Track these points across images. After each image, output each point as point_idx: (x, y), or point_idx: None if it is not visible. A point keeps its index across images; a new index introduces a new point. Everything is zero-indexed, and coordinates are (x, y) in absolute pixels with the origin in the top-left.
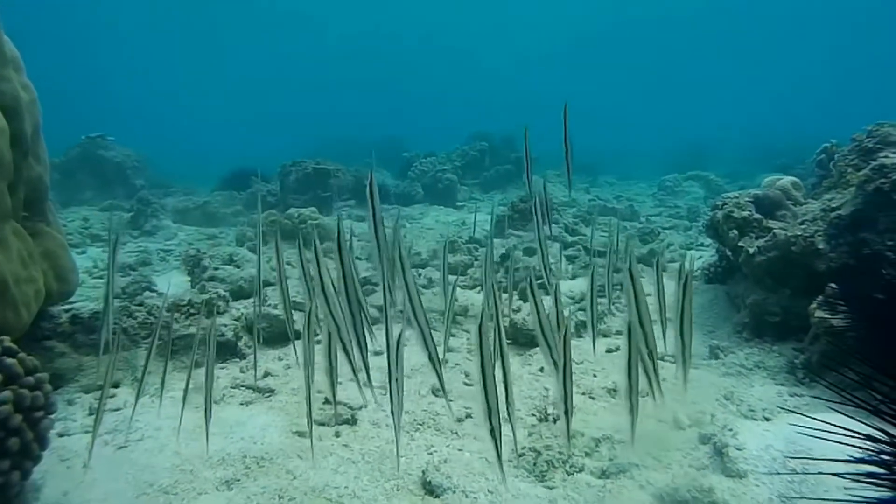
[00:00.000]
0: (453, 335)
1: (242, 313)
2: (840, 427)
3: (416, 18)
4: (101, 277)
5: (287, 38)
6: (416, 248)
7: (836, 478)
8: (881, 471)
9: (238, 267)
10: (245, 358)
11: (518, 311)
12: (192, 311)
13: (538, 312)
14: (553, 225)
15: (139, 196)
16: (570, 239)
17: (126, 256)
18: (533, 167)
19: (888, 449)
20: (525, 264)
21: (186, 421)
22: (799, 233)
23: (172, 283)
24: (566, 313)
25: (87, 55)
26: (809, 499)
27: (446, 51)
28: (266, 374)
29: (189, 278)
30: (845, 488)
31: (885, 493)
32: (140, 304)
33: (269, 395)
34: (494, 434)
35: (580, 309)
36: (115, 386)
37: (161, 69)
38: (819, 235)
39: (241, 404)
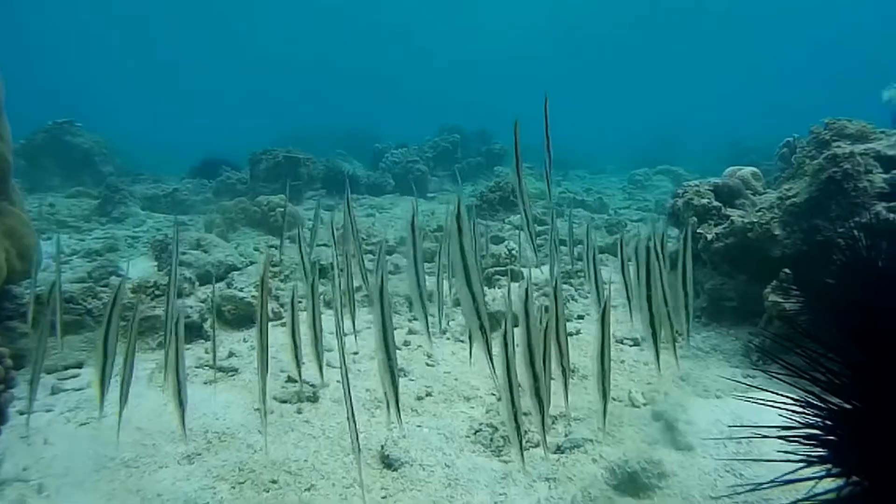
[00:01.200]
0: (415, 319)
1: (208, 296)
2: (781, 397)
3: (391, 9)
4: (66, 263)
5: (260, 25)
6: (384, 236)
7: (776, 443)
8: (815, 432)
9: (206, 252)
10: (210, 339)
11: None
12: (157, 292)
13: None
14: (520, 215)
15: (107, 183)
16: (537, 229)
17: (93, 243)
18: (504, 160)
19: (818, 413)
20: (491, 252)
21: (150, 399)
22: (755, 220)
23: (140, 269)
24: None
25: (55, 41)
26: (750, 460)
27: (420, 43)
28: (230, 355)
29: (156, 263)
30: (785, 452)
31: (820, 451)
32: (106, 286)
33: (233, 375)
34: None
35: (544, 294)
36: (79, 366)
37: (131, 57)
38: (775, 222)
39: (205, 383)
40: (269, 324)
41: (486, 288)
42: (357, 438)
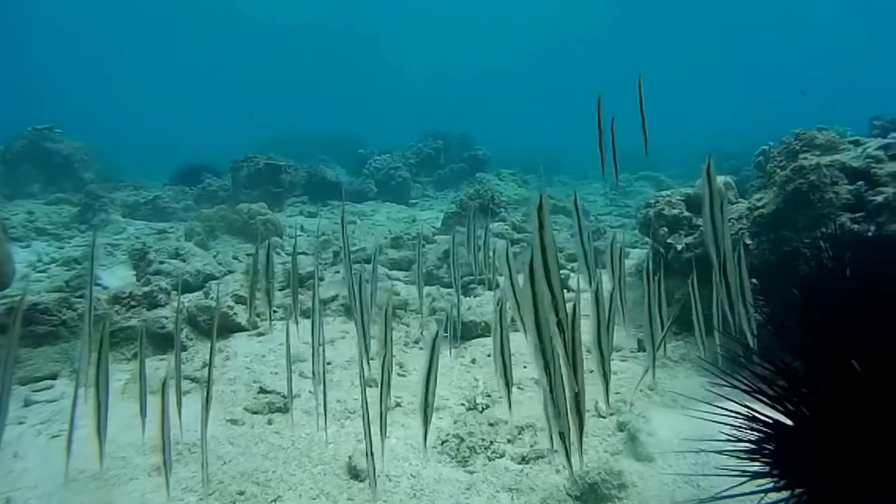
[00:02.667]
0: (392, 328)
1: (185, 306)
2: (734, 413)
3: (377, 15)
4: (44, 272)
5: (245, 31)
6: (364, 243)
7: (731, 457)
8: (756, 446)
9: (184, 261)
10: (185, 350)
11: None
12: (132, 303)
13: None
14: (500, 223)
15: (87, 190)
16: (516, 236)
17: (72, 250)
18: (487, 166)
19: (762, 429)
20: (467, 261)
21: (122, 411)
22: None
23: (118, 277)
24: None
25: (35, 47)
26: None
27: (406, 48)
28: (205, 365)
29: (135, 272)
30: (740, 464)
31: (761, 467)
32: (82, 297)
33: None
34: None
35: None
36: (53, 377)
37: (113, 63)
38: (744, 232)
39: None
40: (244, 333)
41: (462, 296)
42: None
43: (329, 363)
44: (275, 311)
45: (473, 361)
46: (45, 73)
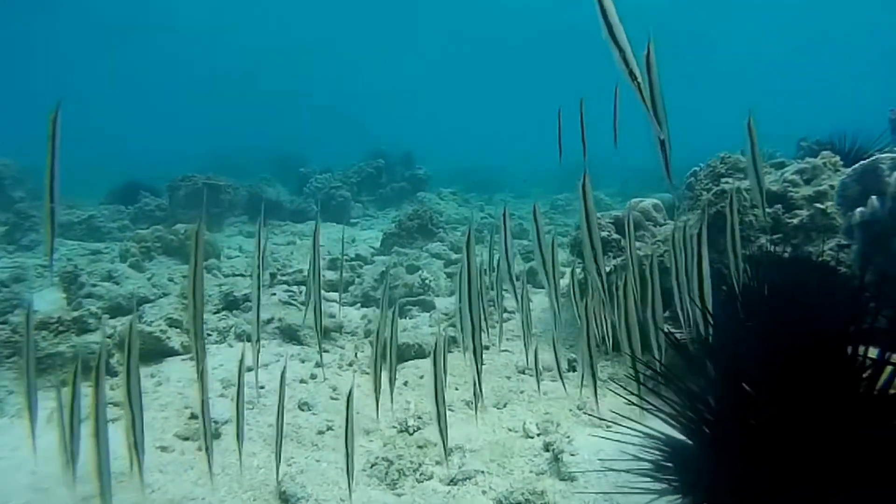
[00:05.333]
0: (326, 351)
1: (116, 330)
2: (650, 433)
3: (321, 33)
4: None
5: (184, 47)
6: (302, 265)
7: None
8: (662, 464)
9: (117, 283)
10: (116, 375)
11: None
12: (61, 328)
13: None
14: (438, 243)
15: (16, 209)
16: (454, 256)
17: None
18: (427, 185)
19: (663, 448)
20: (404, 282)
21: (47, 441)
22: (650, 252)
23: (48, 300)
24: (439, 329)
25: None
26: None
27: (350, 66)
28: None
29: (65, 295)
30: (655, 482)
31: (666, 485)
32: (5, 322)
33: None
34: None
35: (451, 325)
36: None
37: (44, 76)
38: (668, 255)
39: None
40: (178, 358)
41: (398, 318)
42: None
43: (262, 387)
44: (209, 335)
45: (406, 384)
46: None
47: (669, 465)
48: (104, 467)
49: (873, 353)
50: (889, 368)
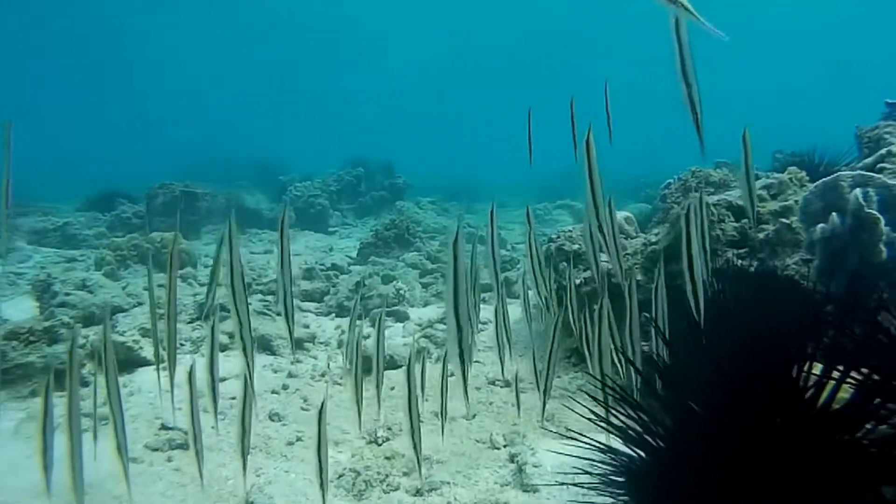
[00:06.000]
0: (299, 361)
1: (88, 340)
2: (603, 447)
3: (304, 39)
4: None
5: (167, 52)
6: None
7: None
8: (611, 479)
9: (91, 293)
10: (87, 385)
11: (368, 337)
12: (31, 339)
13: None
14: (415, 253)
15: None
16: (430, 266)
17: None
18: (406, 194)
19: (615, 464)
20: (379, 292)
21: (14, 453)
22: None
23: (21, 309)
24: (411, 340)
25: None
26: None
27: (330, 75)
28: (105, 403)
29: (38, 304)
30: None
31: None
32: None
33: (107, 423)
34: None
35: (424, 336)
36: None
37: (23, 77)
38: (637, 268)
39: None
40: (151, 367)
41: (370, 328)
42: None
43: (232, 398)
44: (182, 345)
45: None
46: None
47: (620, 479)
48: (78, 479)
49: (818, 369)
50: (831, 384)
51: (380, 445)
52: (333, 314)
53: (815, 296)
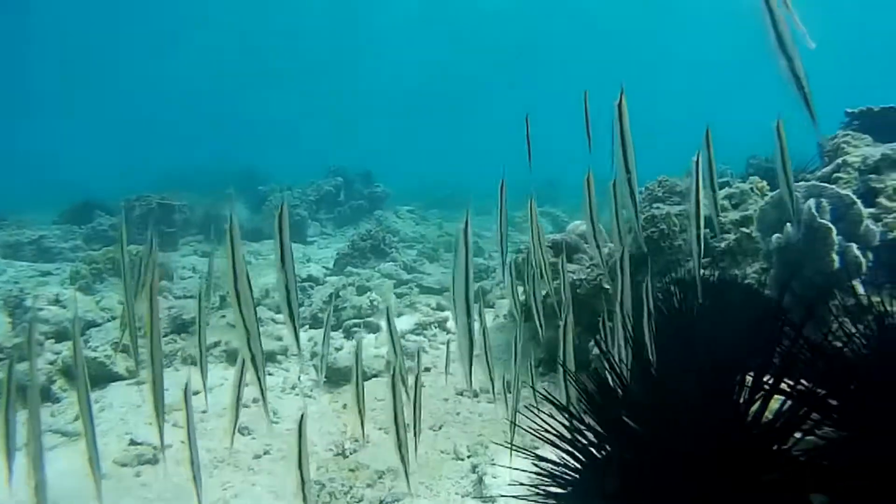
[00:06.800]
0: (270, 374)
1: (59, 355)
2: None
3: (283, 48)
4: None
5: (149, 61)
6: (254, 286)
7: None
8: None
9: (64, 308)
10: (59, 402)
11: (340, 349)
12: (0, 356)
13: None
14: (391, 263)
15: None
16: (405, 276)
17: None
18: (385, 203)
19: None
20: (352, 304)
21: None
22: (584, 276)
23: None
24: (384, 351)
25: None
26: None
27: (312, 83)
28: (77, 418)
29: (10, 320)
30: None
31: None
32: None
33: (77, 439)
34: None
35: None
36: None
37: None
38: (602, 278)
39: (46, 449)
40: (123, 383)
41: (343, 340)
42: None
43: (204, 411)
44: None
45: (345, 406)
46: None
47: (562, 491)
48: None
49: (750, 378)
50: (760, 395)
51: (346, 458)
52: (307, 325)
53: (772, 304)
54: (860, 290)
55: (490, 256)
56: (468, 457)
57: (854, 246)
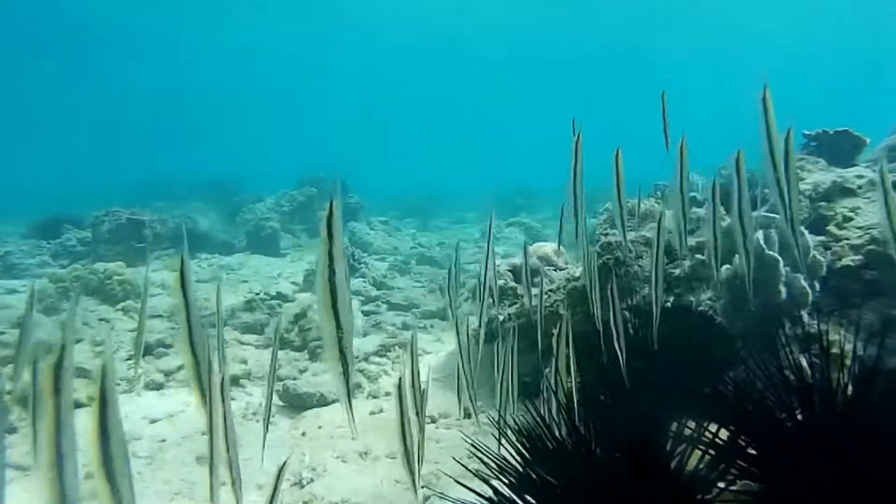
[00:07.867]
0: (233, 399)
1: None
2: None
3: (260, 61)
4: None
5: (123, 72)
6: (223, 303)
7: None
8: None
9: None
10: (15, 432)
11: (305, 370)
12: None
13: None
14: (360, 279)
15: None
16: (374, 293)
17: None
18: (359, 214)
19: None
20: (318, 324)
21: None
22: (545, 298)
23: None
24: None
25: None
26: None
27: (288, 91)
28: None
29: None
30: None
31: None
32: None
33: (27, 473)
34: None
35: (359, 370)
36: None
37: None
38: (558, 304)
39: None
40: (83, 410)
41: (307, 362)
42: None
43: (163, 440)
44: (116, 384)
45: (304, 434)
46: None
47: None
48: None
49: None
50: (685, 445)
51: (302, 488)
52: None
53: (725, 333)
54: (805, 319)
55: (463, 268)
56: (423, 486)
57: (801, 277)
